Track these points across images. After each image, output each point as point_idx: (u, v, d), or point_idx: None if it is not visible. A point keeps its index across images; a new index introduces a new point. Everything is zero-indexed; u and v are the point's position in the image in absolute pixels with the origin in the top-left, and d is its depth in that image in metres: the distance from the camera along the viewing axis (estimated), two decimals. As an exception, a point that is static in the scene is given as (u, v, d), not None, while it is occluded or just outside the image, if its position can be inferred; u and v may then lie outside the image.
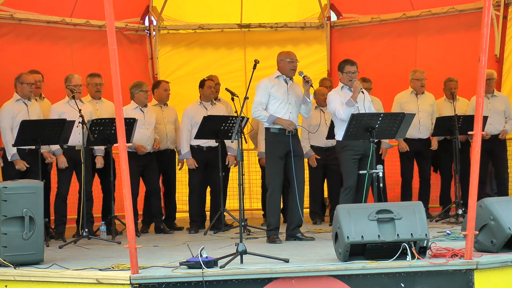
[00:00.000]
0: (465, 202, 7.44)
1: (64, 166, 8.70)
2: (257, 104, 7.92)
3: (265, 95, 7.93)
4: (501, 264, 5.84)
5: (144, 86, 9.38)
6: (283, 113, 7.94)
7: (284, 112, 7.95)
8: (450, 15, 11.37)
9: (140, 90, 9.28)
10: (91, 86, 9.27)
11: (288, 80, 8.07)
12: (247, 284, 5.60)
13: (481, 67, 5.71)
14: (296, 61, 8.05)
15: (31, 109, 8.64)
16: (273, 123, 7.90)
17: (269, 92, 7.94)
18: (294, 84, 8.12)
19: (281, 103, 7.96)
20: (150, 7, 12.05)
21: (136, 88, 9.32)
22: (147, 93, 9.39)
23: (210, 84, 9.57)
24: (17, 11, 10.62)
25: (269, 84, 7.97)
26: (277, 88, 7.99)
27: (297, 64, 8.04)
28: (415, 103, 10.05)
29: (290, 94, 8.01)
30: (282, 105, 7.96)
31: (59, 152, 8.71)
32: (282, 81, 8.05)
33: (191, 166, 9.38)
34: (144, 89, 9.32)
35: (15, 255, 6.17)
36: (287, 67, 8.03)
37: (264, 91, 7.92)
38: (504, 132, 9.97)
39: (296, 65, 8.03)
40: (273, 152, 7.95)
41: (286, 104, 7.98)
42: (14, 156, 8.44)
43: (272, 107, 7.96)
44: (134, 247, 5.57)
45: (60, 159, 8.71)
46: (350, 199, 7.83)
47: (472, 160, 5.80)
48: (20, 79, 8.61)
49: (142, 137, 9.19)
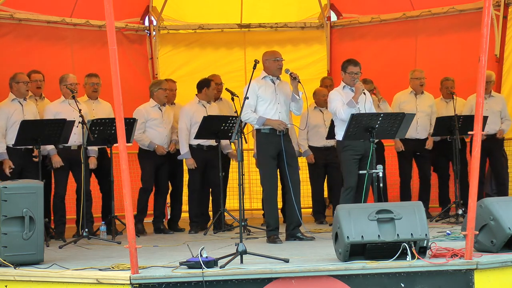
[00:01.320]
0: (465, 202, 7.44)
1: (58, 166, 8.69)
2: (246, 107, 7.84)
3: (253, 97, 7.88)
4: (501, 264, 5.84)
5: (164, 84, 9.40)
6: (272, 113, 7.92)
7: (273, 112, 7.92)
8: (450, 15, 11.37)
9: (159, 88, 9.29)
10: (89, 86, 9.25)
11: (275, 79, 8.05)
12: (247, 284, 5.60)
13: (481, 67, 5.71)
14: (282, 59, 8.02)
15: (26, 109, 8.62)
16: (263, 124, 7.90)
17: (256, 93, 7.91)
18: (281, 83, 8.09)
19: (269, 104, 7.94)
20: (150, 7, 12.06)
21: (156, 86, 9.34)
22: (166, 91, 9.40)
23: (218, 81, 9.61)
24: (17, 11, 10.62)
25: (256, 85, 7.92)
26: (265, 89, 7.97)
27: (282, 63, 8.01)
28: (413, 103, 10.06)
29: (278, 93, 7.99)
30: (271, 105, 7.94)
31: (53, 152, 8.69)
32: (269, 81, 8.03)
33: (191, 166, 9.37)
34: (163, 87, 9.33)
35: (15, 255, 6.17)
36: (272, 66, 8.01)
37: (252, 93, 7.82)
38: (501, 132, 10.02)
39: (281, 63, 8.00)
40: (265, 152, 7.93)
41: (275, 104, 7.95)
42: (2, 156, 8.40)
43: (261, 108, 7.94)
44: (134, 247, 5.56)
45: (54, 159, 8.68)
46: (351, 199, 7.83)
47: (472, 160, 5.79)
48: (16, 79, 8.61)
49: (159, 136, 9.23)
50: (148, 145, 9.20)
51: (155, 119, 9.24)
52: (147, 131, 9.22)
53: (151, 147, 9.19)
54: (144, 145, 9.23)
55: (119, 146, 5.63)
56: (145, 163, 9.30)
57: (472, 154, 5.79)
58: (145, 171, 9.31)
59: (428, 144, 10.03)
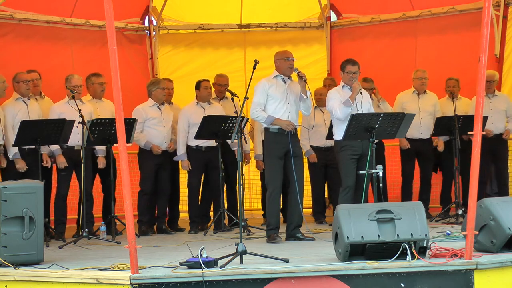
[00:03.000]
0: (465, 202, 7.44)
1: (63, 166, 8.70)
2: (256, 105, 7.93)
3: (263, 95, 7.94)
4: (501, 264, 5.84)
5: (162, 84, 9.39)
6: (281, 113, 7.94)
7: (282, 112, 7.95)
8: (450, 15, 11.37)
9: (157, 87, 9.28)
10: (97, 86, 9.18)
11: (286, 79, 8.08)
12: (247, 284, 5.60)
13: (481, 67, 5.71)
14: (293, 59, 8.05)
15: (31, 108, 8.65)
16: (272, 123, 7.91)
17: (267, 92, 7.95)
18: (292, 83, 8.12)
19: (279, 103, 7.96)
20: (150, 7, 12.05)
21: (154, 85, 9.33)
22: (164, 90, 9.40)
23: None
24: (17, 11, 10.62)
25: (266, 84, 7.98)
26: (275, 88, 7.99)
27: (293, 63, 8.04)
28: (416, 103, 10.04)
29: (289, 93, 8.02)
30: (281, 105, 7.97)
31: (58, 152, 8.70)
32: (280, 80, 8.06)
33: (185, 168, 9.38)
34: (161, 86, 9.32)
35: (15, 255, 6.17)
36: (283, 66, 8.04)
37: (262, 91, 7.92)
38: (508, 132, 9.95)
39: (292, 63, 8.03)
40: (272, 152, 7.95)
41: (285, 103, 7.98)
42: (16, 155, 8.42)
43: (271, 107, 7.96)
44: (134, 247, 5.57)
45: (59, 160, 8.70)
46: (349, 199, 7.84)
47: (472, 160, 5.79)
48: (16, 79, 8.63)
49: (159, 135, 9.22)
50: (144, 145, 9.19)
51: (154, 118, 9.23)
52: (147, 131, 9.21)
53: (147, 147, 9.18)
54: (141, 144, 9.22)
55: (119, 146, 5.63)
56: (145, 164, 9.27)
57: (472, 154, 5.78)
58: (144, 173, 9.29)
59: (440, 147, 10.01)
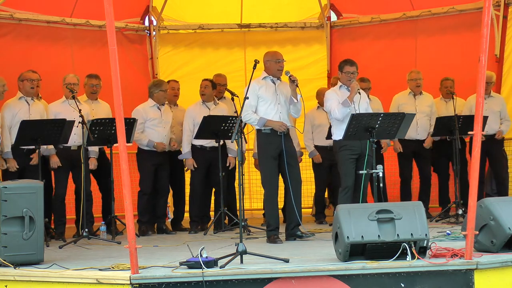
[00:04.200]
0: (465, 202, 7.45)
1: (56, 166, 8.68)
2: (247, 108, 7.83)
3: (254, 97, 7.90)
4: (501, 264, 5.84)
5: (164, 86, 9.40)
6: (273, 114, 7.92)
7: (274, 113, 7.93)
8: (450, 15, 11.37)
9: (160, 90, 9.29)
10: (88, 87, 9.24)
11: (276, 80, 8.05)
12: (247, 284, 5.60)
13: (481, 67, 5.71)
14: (283, 60, 8.03)
15: (33, 108, 8.64)
16: (264, 125, 7.90)
17: (257, 94, 7.93)
18: (282, 83, 8.09)
19: (270, 104, 7.94)
20: (150, 7, 12.05)
21: (156, 87, 9.33)
22: (166, 93, 9.41)
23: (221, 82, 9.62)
24: (17, 11, 10.62)
25: (256, 86, 7.93)
26: (265, 89, 7.97)
27: (283, 64, 8.03)
28: (413, 104, 10.06)
29: (278, 94, 8.00)
30: (272, 106, 7.94)
31: (52, 152, 8.68)
32: (269, 81, 8.04)
33: (190, 166, 9.39)
34: (163, 88, 9.33)
35: (15, 255, 6.17)
36: (274, 67, 8.02)
37: (252, 93, 7.85)
38: (500, 133, 10.03)
39: (282, 65, 8.02)
40: (266, 153, 7.93)
41: (276, 104, 7.96)
42: (7, 154, 8.38)
43: (262, 109, 7.95)
44: (134, 247, 5.56)
45: (53, 159, 8.68)
46: (349, 199, 7.84)
47: (472, 160, 5.79)
48: (21, 77, 8.66)
49: (159, 136, 9.23)
50: (147, 144, 9.19)
51: (154, 119, 9.24)
52: (146, 131, 9.21)
53: (150, 145, 9.19)
54: (143, 144, 9.22)
55: (119, 146, 5.63)
56: (144, 165, 9.27)
57: (472, 154, 5.79)
58: (143, 174, 9.29)
59: (427, 143, 10.04)
